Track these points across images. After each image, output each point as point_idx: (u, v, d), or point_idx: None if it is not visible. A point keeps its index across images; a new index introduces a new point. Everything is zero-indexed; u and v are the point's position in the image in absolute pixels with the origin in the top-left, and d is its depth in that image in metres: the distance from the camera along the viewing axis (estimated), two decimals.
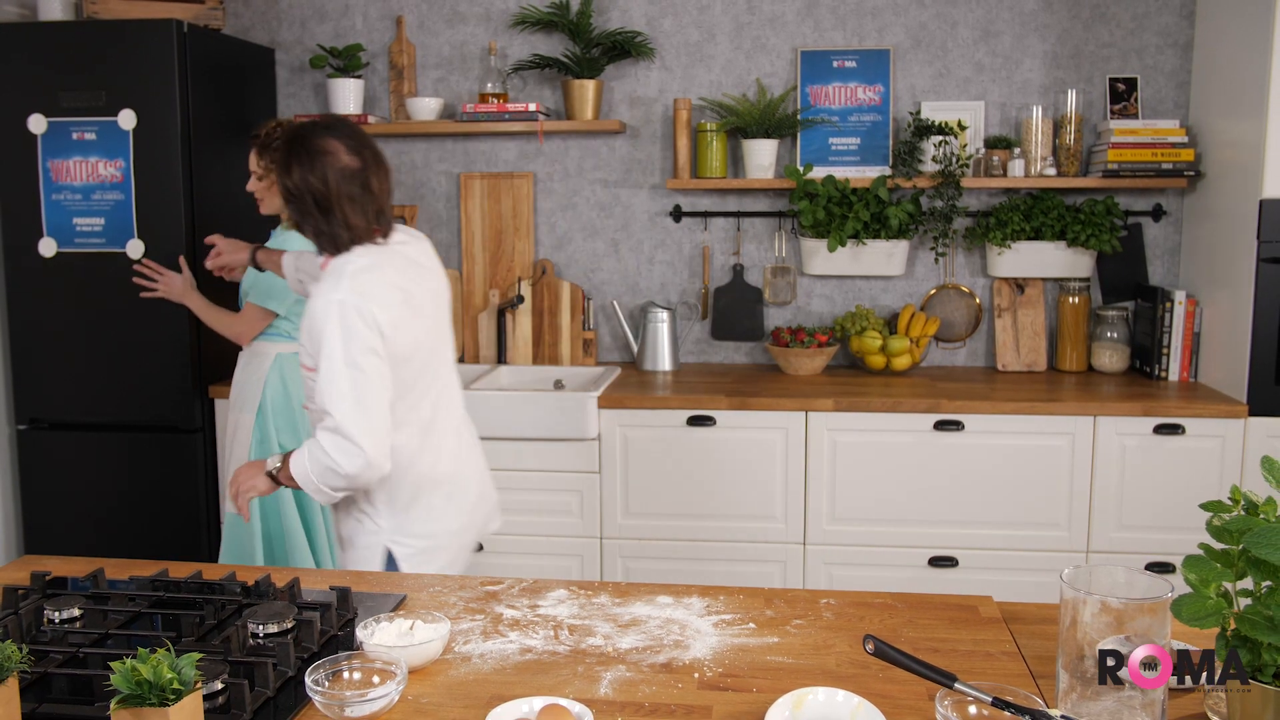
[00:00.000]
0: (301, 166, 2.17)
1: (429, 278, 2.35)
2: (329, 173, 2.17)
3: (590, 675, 1.54)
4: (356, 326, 2.10)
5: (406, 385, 2.23)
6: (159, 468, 3.66)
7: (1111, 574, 1.42)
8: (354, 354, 2.10)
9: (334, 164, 2.17)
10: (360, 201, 2.20)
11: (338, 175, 2.17)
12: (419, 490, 2.30)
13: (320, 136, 2.19)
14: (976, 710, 1.36)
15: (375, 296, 2.14)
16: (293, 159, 2.18)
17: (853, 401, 3.45)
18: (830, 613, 1.78)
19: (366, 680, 1.46)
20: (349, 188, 2.18)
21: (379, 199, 2.24)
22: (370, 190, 2.21)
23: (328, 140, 2.19)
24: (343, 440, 2.10)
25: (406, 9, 4.14)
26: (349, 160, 2.19)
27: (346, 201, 2.18)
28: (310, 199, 2.18)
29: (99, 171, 3.56)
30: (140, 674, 1.23)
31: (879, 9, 3.94)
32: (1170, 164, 3.64)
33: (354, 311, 2.10)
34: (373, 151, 2.25)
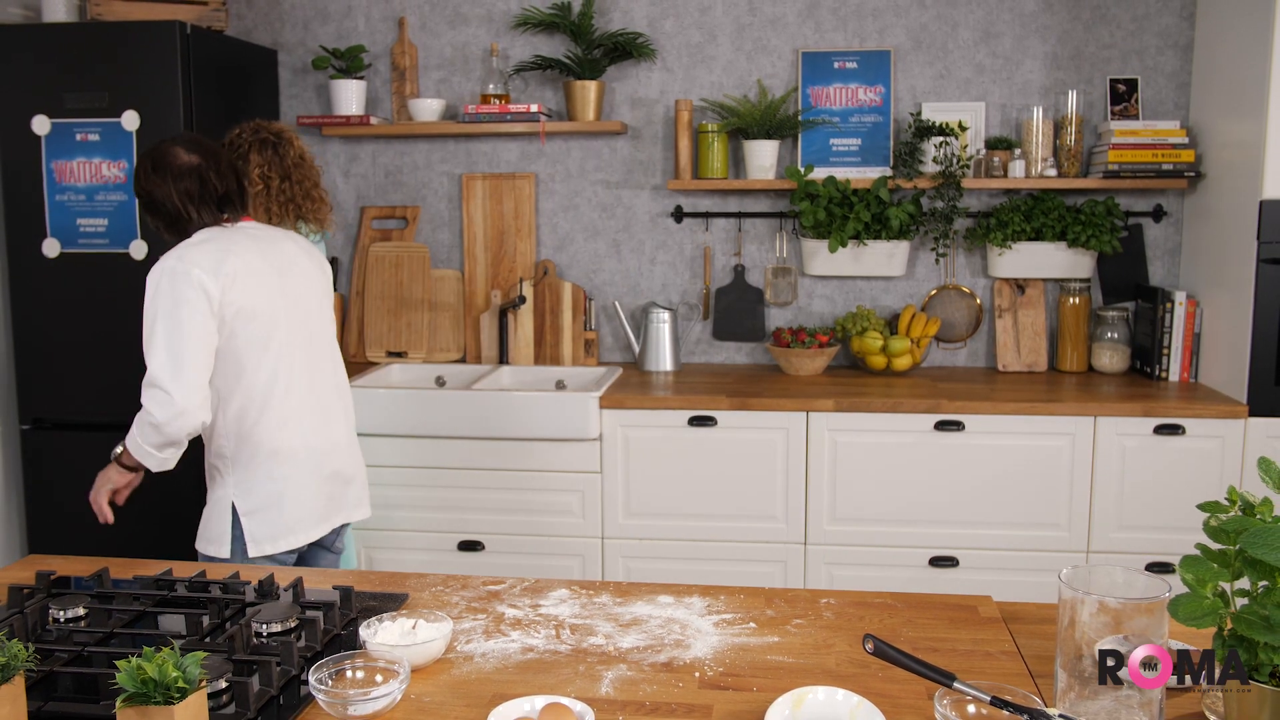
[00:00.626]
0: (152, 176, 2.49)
1: (279, 258, 2.56)
2: (169, 175, 2.46)
3: (592, 674, 1.55)
4: (177, 286, 2.33)
5: (243, 350, 2.44)
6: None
7: (1110, 574, 1.43)
8: (169, 309, 2.32)
9: (174, 164, 2.47)
10: (197, 195, 2.48)
11: (177, 173, 2.46)
12: (257, 453, 2.50)
13: (166, 145, 2.51)
14: (975, 709, 1.37)
15: (198, 261, 2.36)
16: (142, 172, 2.49)
17: (853, 402, 3.45)
18: (830, 612, 1.79)
19: (369, 679, 1.47)
20: (187, 184, 2.47)
21: (218, 191, 2.51)
22: (209, 184, 2.49)
23: (171, 147, 2.50)
24: (155, 390, 2.31)
25: (409, 10, 4.15)
26: (186, 159, 2.47)
27: (184, 196, 2.47)
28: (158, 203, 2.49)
29: (102, 172, 3.57)
30: (145, 672, 1.24)
31: (880, 10, 3.95)
32: (1171, 165, 3.65)
33: (174, 274, 2.33)
34: (209, 151, 2.52)
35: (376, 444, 3.60)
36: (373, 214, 4.23)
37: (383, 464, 3.61)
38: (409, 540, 3.66)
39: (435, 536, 3.65)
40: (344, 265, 4.29)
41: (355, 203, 4.27)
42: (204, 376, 2.36)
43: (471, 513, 3.62)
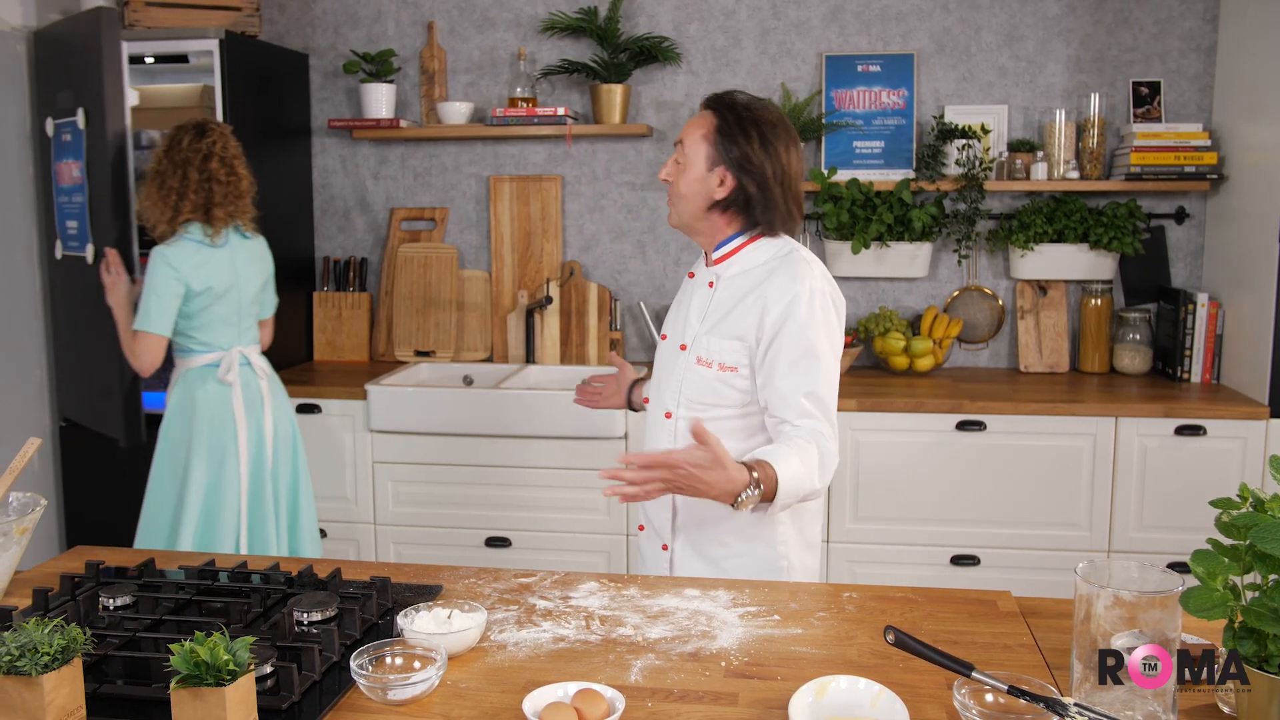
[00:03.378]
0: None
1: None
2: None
3: (621, 663, 1.60)
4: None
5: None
6: None
7: (1126, 568, 1.47)
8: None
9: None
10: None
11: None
12: None
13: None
14: (993, 699, 1.42)
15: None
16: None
17: (876, 402, 3.49)
18: (852, 605, 1.83)
19: (408, 665, 1.53)
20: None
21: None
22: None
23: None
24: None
25: (438, 15, 4.22)
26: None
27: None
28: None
29: None
30: (198, 656, 1.30)
31: (903, 14, 3.98)
32: (1193, 167, 3.67)
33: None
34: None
35: (405, 441, 3.67)
36: (402, 215, 4.30)
37: (411, 461, 3.68)
38: (437, 536, 3.72)
39: (463, 533, 3.72)
40: (373, 265, 4.36)
41: (384, 204, 4.34)
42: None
43: (499, 510, 3.68)
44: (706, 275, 2.19)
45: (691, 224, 2.16)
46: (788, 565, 2.15)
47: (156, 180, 3.11)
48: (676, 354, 2.19)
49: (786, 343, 2.01)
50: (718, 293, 2.14)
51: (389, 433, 3.66)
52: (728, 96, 2.12)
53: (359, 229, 4.37)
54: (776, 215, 2.09)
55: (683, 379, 2.15)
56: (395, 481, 3.69)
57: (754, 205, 2.08)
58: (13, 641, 1.34)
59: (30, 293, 3.81)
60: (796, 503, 2.00)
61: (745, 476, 1.85)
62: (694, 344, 2.14)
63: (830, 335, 2.04)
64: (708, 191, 2.10)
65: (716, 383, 2.09)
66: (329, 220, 4.38)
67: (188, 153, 3.09)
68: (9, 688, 1.33)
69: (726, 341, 2.08)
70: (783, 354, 2.01)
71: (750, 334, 2.05)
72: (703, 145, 2.09)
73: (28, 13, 3.76)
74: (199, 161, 3.09)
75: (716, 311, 2.12)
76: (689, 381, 2.13)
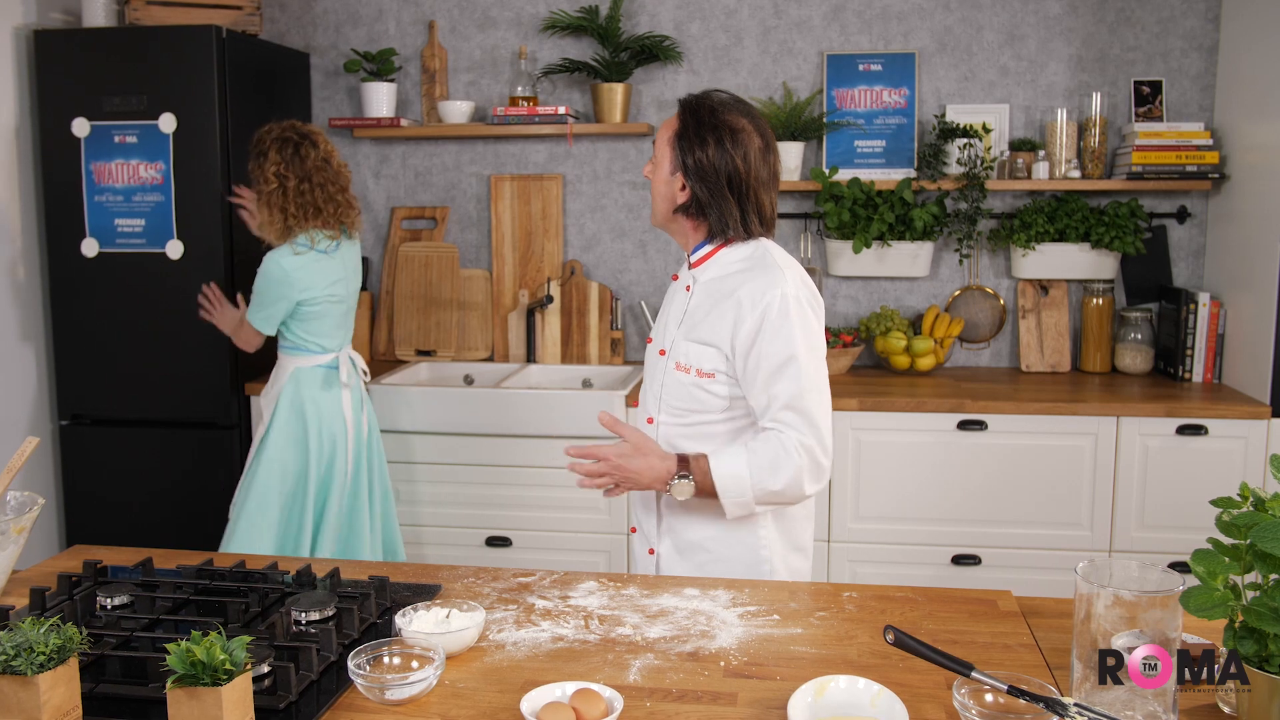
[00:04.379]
0: None
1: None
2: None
3: (620, 663, 1.60)
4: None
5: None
6: (196, 463, 3.75)
7: (1126, 568, 1.47)
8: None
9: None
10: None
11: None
12: None
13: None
14: (993, 698, 1.41)
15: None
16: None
17: (877, 401, 3.49)
18: (852, 605, 1.83)
19: (406, 665, 1.53)
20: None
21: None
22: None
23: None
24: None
25: (438, 14, 4.21)
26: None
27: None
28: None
29: (140, 174, 3.65)
30: (194, 655, 1.30)
31: (905, 13, 3.98)
32: (1195, 166, 3.66)
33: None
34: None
35: (405, 441, 3.66)
36: (402, 214, 4.30)
37: (411, 461, 3.68)
38: (438, 535, 3.72)
39: (463, 532, 3.71)
40: (374, 265, 4.35)
41: (385, 203, 4.33)
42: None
43: (499, 509, 3.68)
44: (685, 278, 2.18)
45: (666, 225, 2.17)
46: (771, 569, 2.13)
47: (275, 189, 3.13)
48: (657, 358, 2.18)
49: (764, 353, 1.99)
50: (694, 297, 2.12)
51: (390, 432, 3.65)
52: (698, 99, 2.11)
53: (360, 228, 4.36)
54: (730, 222, 2.07)
55: (663, 384, 2.14)
56: (396, 480, 3.68)
57: (708, 212, 2.07)
58: (8, 641, 1.34)
59: (32, 290, 3.81)
60: (764, 503, 2.00)
61: (673, 465, 1.99)
62: (672, 349, 2.12)
63: (809, 339, 2.01)
64: (672, 194, 2.10)
65: (694, 388, 2.08)
66: None
67: (308, 164, 3.15)
68: (4, 687, 1.33)
69: (702, 348, 2.06)
70: (762, 365, 1.99)
71: (725, 341, 2.03)
72: (668, 149, 2.10)
73: (28, 11, 3.76)
74: (314, 172, 3.15)
75: (693, 317, 2.10)
76: (669, 386, 2.12)
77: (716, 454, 1.99)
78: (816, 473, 1.99)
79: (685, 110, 2.09)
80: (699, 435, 2.09)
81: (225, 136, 3.64)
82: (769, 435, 1.99)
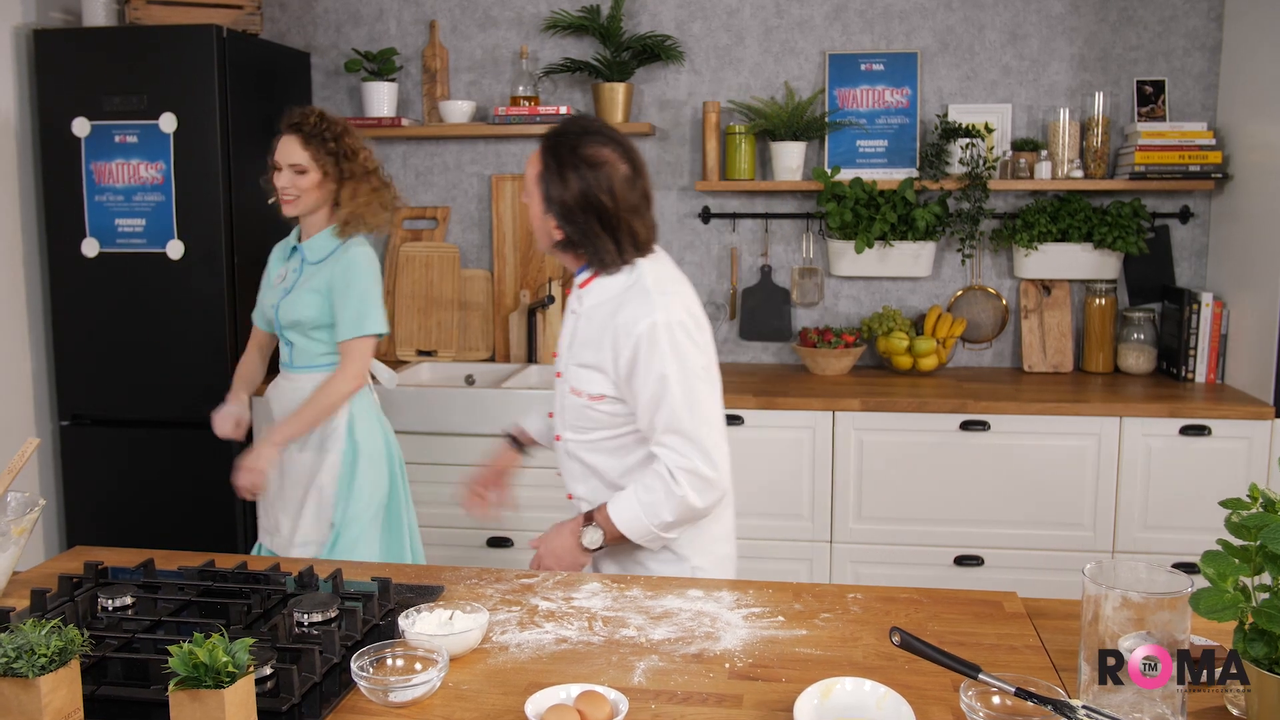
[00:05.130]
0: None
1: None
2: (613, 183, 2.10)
3: (624, 664, 1.59)
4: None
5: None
6: (197, 463, 3.74)
7: (1134, 569, 1.46)
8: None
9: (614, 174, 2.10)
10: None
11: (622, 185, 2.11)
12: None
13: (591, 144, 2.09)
14: (1000, 700, 1.40)
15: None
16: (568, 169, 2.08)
17: (880, 401, 3.48)
18: (857, 607, 1.82)
19: (409, 667, 1.52)
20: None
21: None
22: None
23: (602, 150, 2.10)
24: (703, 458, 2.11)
25: (439, 13, 4.20)
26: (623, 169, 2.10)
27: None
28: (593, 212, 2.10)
29: (140, 173, 3.64)
30: (197, 657, 1.29)
31: (907, 12, 3.97)
32: (1198, 166, 3.66)
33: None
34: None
35: (407, 441, 3.65)
36: (404, 214, 4.29)
37: (413, 461, 3.66)
38: (439, 536, 3.71)
39: (464, 533, 3.70)
40: None
41: None
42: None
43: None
44: (573, 302, 2.21)
45: (550, 256, 2.19)
46: (692, 569, 2.19)
47: (376, 179, 2.93)
48: (557, 382, 2.24)
49: (640, 381, 2.04)
50: (580, 323, 2.16)
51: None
52: (558, 134, 2.09)
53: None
54: (606, 256, 2.09)
55: (563, 405, 2.21)
56: None
57: (583, 247, 2.10)
58: (9, 643, 1.33)
59: (32, 290, 3.80)
60: (671, 530, 2.09)
61: (578, 524, 2.15)
62: (566, 373, 2.19)
63: (682, 362, 2.04)
64: (547, 231, 2.13)
65: (587, 410, 2.15)
66: None
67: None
68: (5, 690, 1.32)
69: (590, 373, 2.12)
70: (640, 395, 2.05)
71: (608, 366, 2.08)
72: (535, 188, 2.11)
73: (28, 11, 3.75)
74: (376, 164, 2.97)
75: (579, 342, 2.15)
76: (568, 409, 2.19)
77: (613, 500, 2.10)
78: (703, 488, 2.06)
79: (545, 150, 2.10)
80: (604, 450, 2.18)
81: (226, 136, 3.63)
82: (655, 466, 2.07)
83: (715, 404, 2.14)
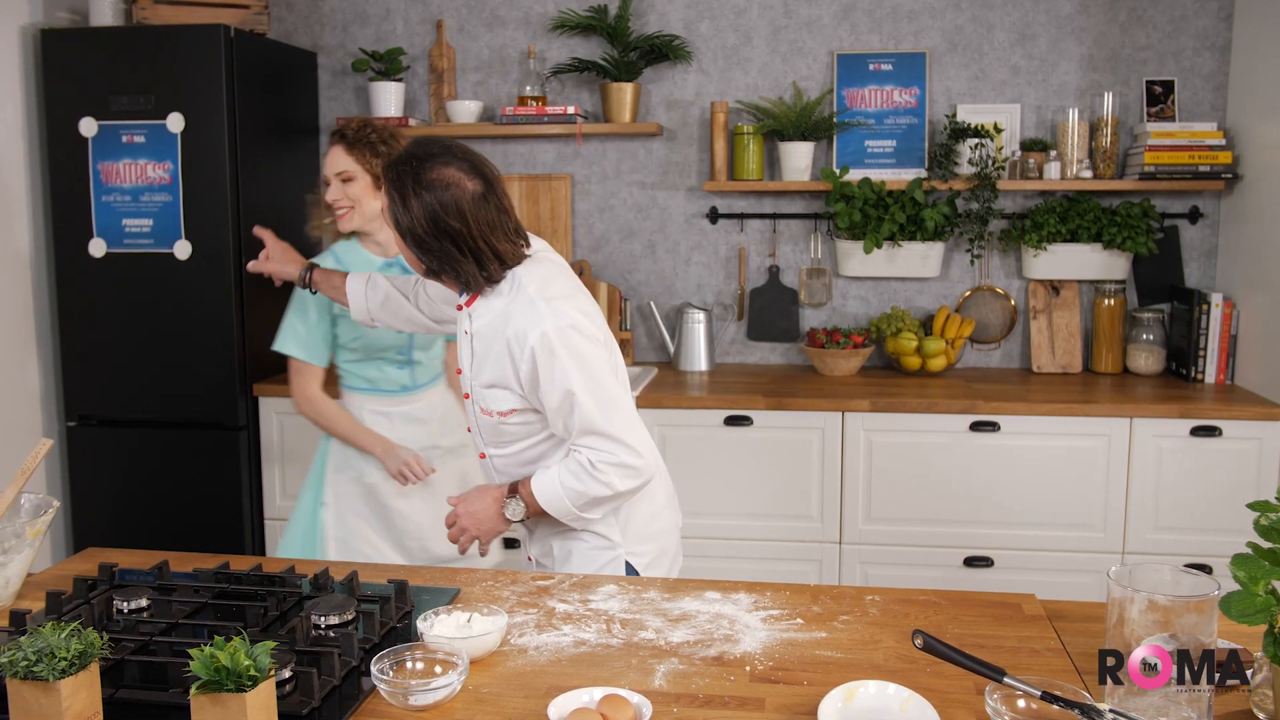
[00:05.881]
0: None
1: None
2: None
3: (644, 667, 1.58)
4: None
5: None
6: (204, 464, 3.73)
7: (1158, 572, 1.45)
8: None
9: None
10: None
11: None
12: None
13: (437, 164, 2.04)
14: (1025, 704, 1.40)
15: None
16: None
17: (889, 402, 3.47)
18: (876, 609, 1.81)
19: (429, 670, 1.51)
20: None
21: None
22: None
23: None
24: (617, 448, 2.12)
25: (446, 13, 4.19)
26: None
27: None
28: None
29: (148, 174, 3.63)
30: (218, 661, 1.28)
31: (915, 12, 3.96)
32: (1208, 166, 3.65)
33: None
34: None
35: None
36: None
37: None
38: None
39: None
40: None
41: None
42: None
43: None
44: (462, 323, 2.17)
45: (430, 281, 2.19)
46: (626, 554, 2.20)
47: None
48: (467, 403, 2.22)
49: (545, 392, 2.02)
50: (474, 343, 2.13)
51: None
52: (399, 163, 2.02)
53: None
54: (469, 277, 2.05)
55: (478, 424, 2.20)
56: None
57: (447, 272, 2.06)
58: (30, 646, 1.32)
59: (39, 291, 3.79)
60: (590, 509, 2.08)
61: (502, 493, 2.12)
62: (474, 394, 2.16)
63: (584, 365, 2.01)
64: (415, 261, 2.09)
65: (500, 426, 2.14)
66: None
67: None
68: (26, 693, 1.32)
69: (495, 390, 2.10)
70: (547, 404, 2.04)
71: (510, 381, 2.06)
72: (389, 221, 2.06)
73: (35, 11, 3.74)
74: None
75: (478, 362, 2.12)
76: (483, 427, 2.19)
77: (537, 476, 2.09)
78: (628, 474, 2.04)
79: (388, 180, 2.03)
80: (529, 460, 2.17)
81: (234, 136, 3.62)
82: (575, 455, 2.06)
83: (624, 393, 2.11)
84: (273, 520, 3.80)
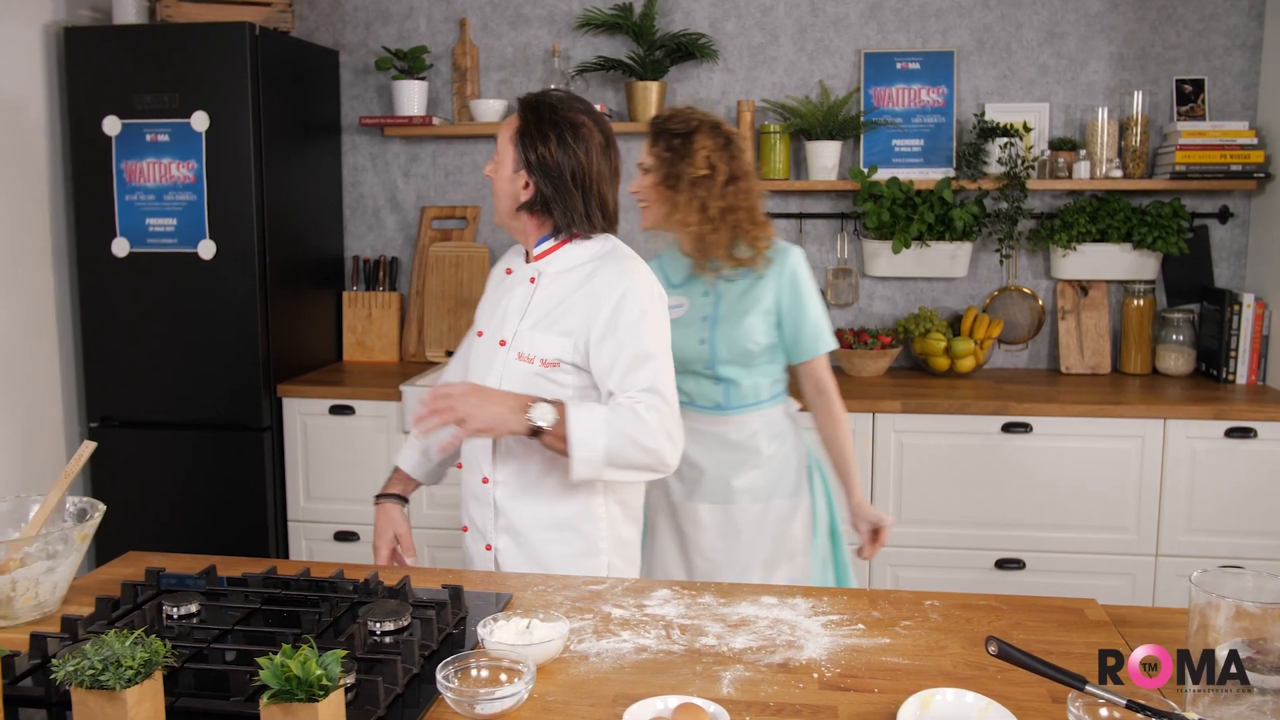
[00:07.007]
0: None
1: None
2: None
3: (710, 675, 1.55)
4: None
5: None
6: (228, 466, 3.70)
7: (1239, 578, 1.43)
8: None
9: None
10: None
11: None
12: None
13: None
14: (1108, 713, 1.37)
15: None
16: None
17: (919, 403, 3.44)
18: (936, 614, 1.78)
19: (493, 678, 1.48)
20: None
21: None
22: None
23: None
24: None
25: (470, 11, 4.16)
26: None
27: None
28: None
29: (172, 173, 3.60)
30: (289, 670, 1.25)
31: (943, 11, 3.93)
32: (1239, 165, 3.62)
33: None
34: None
35: None
36: (433, 214, 4.25)
37: None
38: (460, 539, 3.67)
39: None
40: (404, 265, 4.31)
41: (415, 203, 4.28)
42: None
43: None
44: (528, 271, 2.16)
45: (508, 223, 2.17)
46: (607, 565, 2.15)
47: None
48: (495, 350, 2.15)
49: (623, 341, 2.02)
50: (540, 289, 2.12)
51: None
52: (538, 97, 2.12)
53: (389, 228, 4.32)
54: (575, 217, 2.09)
55: (502, 374, 2.12)
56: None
57: (552, 207, 2.09)
58: (95, 655, 1.29)
59: (62, 291, 3.76)
60: (616, 465, 1.98)
61: (525, 399, 1.97)
62: (514, 340, 2.12)
63: (661, 330, 2.07)
64: (515, 193, 2.11)
65: (536, 378, 2.08)
66: (359, 219, 4.33)
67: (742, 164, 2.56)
68: (91, 703, 1.29)
69: (553, 338, 2.07)
70: (621, 354, 2.02)
71: (580, 330, 2.05)
72: (510, 147, 2.11)
73: (58, 9, 3.71)
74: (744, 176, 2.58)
75: (540, 308, 2.11)
76: (509, 377, 2.10)
77: (576, 403, 1.99)
78: (670, 447, 2.01)
79: (525, 108, 2.11)
80: (530, 483, 2.13)
81: (258, 135, 3.59)
82: (631, 405, 1.98)
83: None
84: (296, 522, 3.77)
